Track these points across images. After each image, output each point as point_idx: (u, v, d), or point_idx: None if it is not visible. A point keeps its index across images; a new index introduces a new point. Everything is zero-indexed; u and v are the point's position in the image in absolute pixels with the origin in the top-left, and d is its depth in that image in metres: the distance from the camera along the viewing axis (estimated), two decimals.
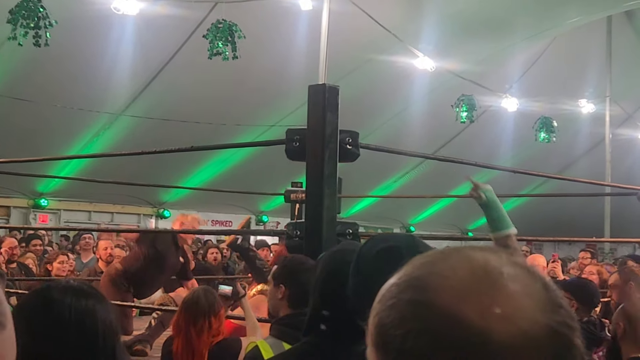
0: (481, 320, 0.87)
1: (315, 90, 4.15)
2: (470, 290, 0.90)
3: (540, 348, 0.87)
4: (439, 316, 0.89)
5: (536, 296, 0.91)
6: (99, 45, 13.15)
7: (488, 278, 0.91)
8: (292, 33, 13.59)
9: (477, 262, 0.94)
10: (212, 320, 4.47)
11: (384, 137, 14.47)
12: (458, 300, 0.89)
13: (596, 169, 16.36)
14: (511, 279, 0.91)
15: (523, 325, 0.87)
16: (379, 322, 0.95)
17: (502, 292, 0.90)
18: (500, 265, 0.93)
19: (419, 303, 0.91)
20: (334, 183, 4.06)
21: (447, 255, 0.97)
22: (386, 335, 0.93)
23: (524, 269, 0.94)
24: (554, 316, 0.90)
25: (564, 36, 17.03)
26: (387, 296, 0.96)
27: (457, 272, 0.93)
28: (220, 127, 15.09)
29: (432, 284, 0.92)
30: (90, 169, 14.98)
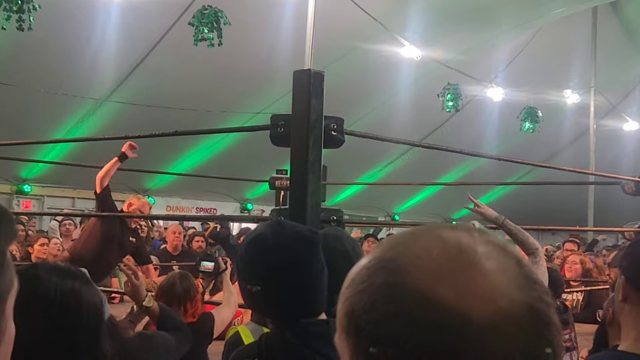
0: (459, 301, 0.85)
1: (300, 76, 4.13)
2: (446, 270, 0.88)
3: (520, 326, 0.86)
4: (414, 298, 0.86)
5: (511, 273, 0.89)
6: (83, 30, 13.07)
7: (462, 257, 0.89)
8: (278, 20, 13.54)
9: (450, 241, 0.91)
10: (187, 305, 4.52)
11: (370, 125, 14.44)
12: (433, 281, 0.87)
13: (580, 159, 16.43)
14: (485, 257, 0.89)
15: (502, 303, 0.85)
16: (350, 307, 0.93)
17: (477, 271, 0.88)
18: (474, 243, 0.91)
19: (392, 286, 0.89)
20: (318, 169, 4.04)
21: (417, 236, 0.95)
22: (358, 321, 0.90)
23: (497, 246, 0.92)
24: (530, 292, 0.88)
25: (550, 26, 17.07)
26: (357, 280, 0.94)
27: (430, 252, 0.90)
28: (206, 113, 15.06)
29: (405, 266, 0.90)
30: (75, 155, 14.91)
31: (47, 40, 12.63)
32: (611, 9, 17.84)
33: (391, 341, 0.86)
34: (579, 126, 20.01)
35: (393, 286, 0.89)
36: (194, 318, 4.57)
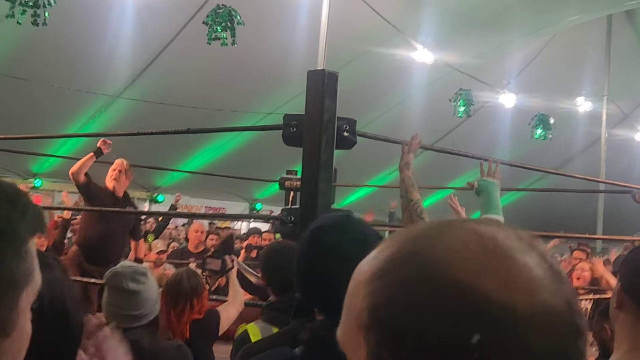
0: (502, 294, 0.83)
1: (314, 76, 4.13)
2: (486, 263, 0.85)
3: (562, 319, 0.85)
4: (456, 291, 0.83)
5: (546, 269, 0.88)
6: (97, 27, 13.08)
7: (499, 251, 0.87)
8: (292, 21, 13.54)
9: (486, 235, 0.89)
10: (194, 302, 4.54)
11: (381, 128, 14.36)
12: (475, 274, 0.84)
13: (592, 168, 16.36)
14: (520, 251, 0.88)
15: (544, 297, 0.84)
16: (372, 301, 0.88)
17: (516, 265, 0.86)
18: (507, 238, 0.89)
19: (429, 278, 0.85)
20: (329, 169, 4.04)
21: (447, 228, 0.91)
22: (385, 316, 0.86)
23: (529, 242, 0.91)
24: (564, 286, 0.88)
25: (564, 34, 17.02)
26: (378, 274, 0.90)
27: (467, 245, 0.88)
28: (217, 112, 15.05)
29: (441, 258, 0.87)
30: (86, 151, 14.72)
31: (61, 36, 12.64)
32: (626, 17, 17.79)
33: (431, 336, 0.83)
34: (591, 134, 19.93)
35: (430, 278, 0.85)
36: (200, 315, 4.58)
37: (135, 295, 3.50)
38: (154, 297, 3.61)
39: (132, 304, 3.49)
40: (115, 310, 3.49)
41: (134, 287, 3.50)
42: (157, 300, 3.65)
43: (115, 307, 3.50)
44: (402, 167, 4.10)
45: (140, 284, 3.53)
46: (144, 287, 3.54)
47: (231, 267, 5.45)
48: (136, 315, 3.49)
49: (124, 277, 3.50)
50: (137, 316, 3.49)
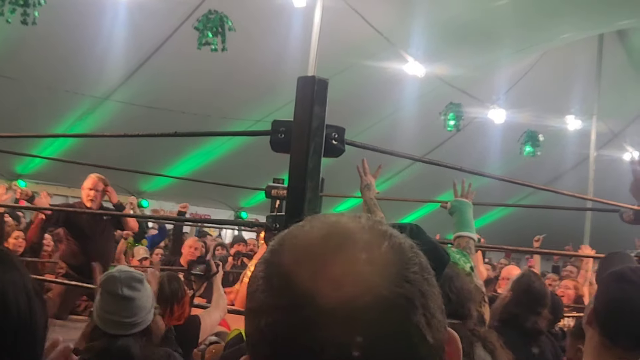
0: (310, 282, 0.86)
1: (304, 82, 4.10)
2: (311, 252, 0.89)
3: (367, 318, 0.84)
4: (276, 276, 0.89)
5: (381, 266, 0.88)
6: (87, 28, 13.02)
7: (333, 241, 0.89)
8: (284, 30, 13.51)
9: (333, 226, 0.92)
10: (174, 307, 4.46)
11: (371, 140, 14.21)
12: (296, 261, 0.89)
13: (580, 186, 16.39)
14: (359, 246, 0.89)
15: (351, 291, 0.85)
16: (250, 277, 0.97)
17: (341, 256, 0.88)
18: (356, 230, 0.91)
19: (267, 261, 0.93)
20: (317, 177, 4.00)
21: (313, 218, 0.97)
22: (248, 291, 0.94)
23: (385, 237, 0.92)
24: (394, 288, 0.86)
25: (555, 51, 17.06)
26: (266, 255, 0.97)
27: (308, 233, 0.92)
28: (206, 118, 14.99)
29: (284, 245, 0.93)
30: (72, 153, 14.84)
31: (50, 36, 12.58)
32: (617, 37, 17.83)
33: (256, 315, 0.90)
34: (580, 152, 19.97)
35: (267, 262, 0.93)
36: (179, 321, 4.50)
37: (129, 302, 3.40)
38: (148, 306, 3.51)
39: (125, 311, 3.39)
40: (106, 316, 3.39)
41: (128, 294, 3.40)
42: (150, 309, 3.54)
43: (107, 313, 3.40)
44: (363, 190, 4.23)
45: (135, 290, 3.43)
46: (138, 295, 3.44)
47: (216, 271, 5.46)
48: (128, 322, 3.39)
49: (120, 282, 3.40)
50: (129, 324, 3.39)
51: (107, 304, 3.41)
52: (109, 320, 3.38)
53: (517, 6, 13.67)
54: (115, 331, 3.36)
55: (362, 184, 4.15)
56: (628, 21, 15.53)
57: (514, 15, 13.99)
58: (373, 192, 4.13)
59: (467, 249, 3.74)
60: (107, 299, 3.42)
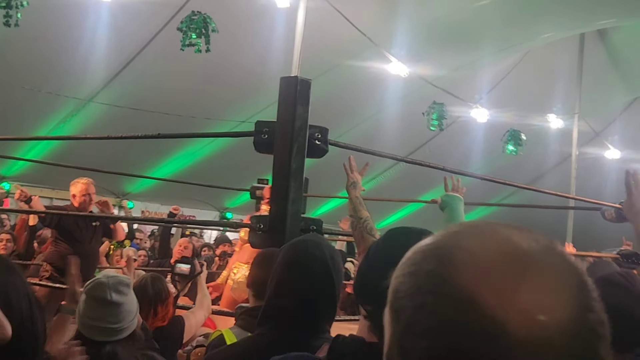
0: (498, 309, 0.81)
1: (287, 82, 4.14)
2: (495, 273, 0.84)
3: (557, 350, 0.81)
4: (455, 295, 0.83)
5: (567, 293, 0.84)
6: (71, 30, 12.97)
7: (518, 263, 0.84)
8: (267, 30, 13.50)
9: (512, 244, 0.87)
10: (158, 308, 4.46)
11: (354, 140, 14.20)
12: (479, 282, 0.83)
13: (563, 185, 16.44)
14: (543, 268, 0.85)
15: (544, 322, 0.81)
16: (395, 287, 0.91)
17: (528, 282, 0.83)
18: (538, 251, 0.86)
19: (437, 276, 0.86)
20: (300, 177, 4.03)
21: (480, 229, 0.91)
22: (400, 303, 0.89)
23: (563, 259, 0.88)
24: (580, 319, 0.84)
25: (536, 51, 17.12)
26: (408, 262, 0.92)
27: (485, 249, 0.86)
28: (189, 119, 14.97)
29: (455, 258, 0.86)
30: (55, 155, 14.78)
31: (33, 37, 12.52)
32: (598, 36, 17.91)
33: (424, 334, 0.84)
34: (562, 151, 20.05)
35: (438, 277, 0.86)
36: (164, 322, 4.50)
37: (117, 308, 3.36)
38: (134, 311, 3.48)
39: (113, 317, 3.35)
40: (92, 323, 3.34)
41: (116, 299, 3.36)
42: (136, 314, 3.52)
43: (92, 320, 3.35)
44: (349, 188, 4.17)
45: (122, 295, 3.40)
46: (126, 299, 3.42)
47: (200, 271, 5.45)
48: (115, 328, 3.35)
49: (108, 287, 3.36)
50: (116, 329, 3.36)
51: (92, 310, 3.37)
52: (95, 327, 3.34)
53: (498, 6, 13.72)
54: (101, 338, 3.32)
55: (348, 182, 4.16)
56: (609, 20, 15.61)
57: (496, 15, 14.03)
58: (359, 190, 4.13)
59: None
60: (94, 305, 3.37)
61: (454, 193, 4.33)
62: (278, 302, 2.70)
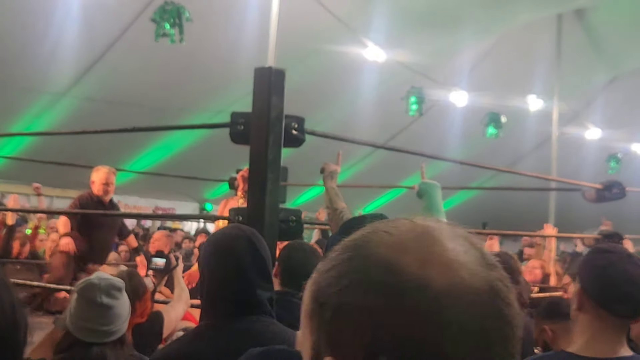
0: (420, 269, 0.88)
1: (260, 73, 4.12)
2: (410, 244, 0.92)
3: (479, 298, 0.88)
4: (376, 267, 0.90)
5: (473, 255, 0.93)
6: (42, 24, 12.82)
7: (428, 235, 0.93)
8: (242, 19, 13.40)
9: (419, 224, 0.96)
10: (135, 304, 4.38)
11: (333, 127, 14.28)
12: (398, 252, 0.91)
13: (543, 166, 16.45)
14: (450, 239, 0.94)
15: (463, 274, 0.89)
16: (315, 287, 0.96)
17: (440, 246, 0.92)
18: (441, 228, 0.96)
19: (356, 257, 0.93)
20: (277, 168, 3.99)
21: (391, 220, 0.99)
22: (323, 297, 0.93)
23: (462, 234, 0.97)
24: (491, 272, 0.92)
25: (514, 32, 17.13)
26: (324, 264, 0.97)
27: (398, 229, 0.95)
28: (166, 111, 14.87)
29: (374, 240, 0.94)
30: (30, 150, 14.67)
31: (3, 32, 12.40)
32: (576, 16, 17.93)
33: (355, 309, 0.89)
34: (542, 133, 20.09)
35: (359, 257, 0.93)
36: (142, 318, 4.42)
37: (107, 311, 3.29)
38: (125, 314, 3.41)
39: (103, 319, 3.28)
40: (81, 324, 3.27)
41: (107, 302, 3.29)
42: (127, 318, 3.45)
43: (82, 320, 3.27)
44: (326, 178, 4.23)
45: (114, 299, 3.33)
46: (117, 303, 3.34)
47: (176, 265, 5.46)
48: (105, 331, 3.28)
49: (99, 290, 3.29)
50: (106, 332, 3.29)
51: (82, 311, 3.30)
52: (84, 327, 3.27)
53: None
54: (90, 339, 3.26)
55: (325, 172, 4.13)
56: (585, 0, 15.64)
57: None
58: (335, 181, 4.12)
59: None
60: (84, 306, 3.30)
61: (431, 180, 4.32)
62: (217, 289, 2.79)
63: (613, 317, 2.44)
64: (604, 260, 2.50)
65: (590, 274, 2.51)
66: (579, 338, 2.51)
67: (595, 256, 2.59)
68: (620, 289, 2.43)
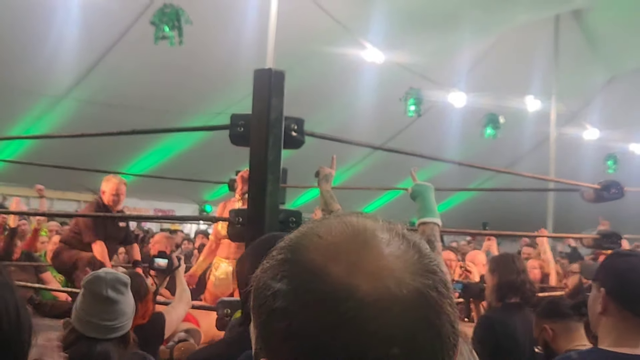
0: (347, 277, 0.87)
1: (260, 75, 4.10)
2: (340, 249, 0.90)
3: (406, 308, 0.87)
4: (305, 273, 0.89)
5: (408, 260, 0.91)
6: (42, 26, 12.85)
7: (359, 238, 0.92)
8: (241, 21, 13.44)
9: (352, 225, 0.94)
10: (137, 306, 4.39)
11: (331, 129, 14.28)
12: (326, 258, 0.90)
13: (541, 166, 16.50)
14: (384, 242, 0.92)
15: (389, 283, 0.87)
16: (255, 285, 0.96)
17: (371, 252, 0.90)
18: (375, 229, 0.94)
19: (289, 261, 0.92)
20: (277, 169, 4.00)
21: (326, 220, 0.98)
22: (260, 297, 0.93)
23: (400, 235, 0.95)
24: (423, 280, 0.90)
25: (512, 33, 17.15)
26: (265, 262, 0.97)
27: (330, 232, 0.93)
28: (165, 113, 14.89)
29: (304, 244, 0.93)
30: (31, 153, 14.68)
31: (4, 35, 12.43)
32: (573, 17, 17.96)
33: (284, 315, 0.89)
34: (540, 133, 20.11)
35: (289, 261, 0.92)
36: (144, 319, 4.43)
37: (112, 305, 3.28)
38: (129, 312, 3.39)
39: (108, 314, 3.27)
40: (86, 318, 3.25)
41: (112, 296, 3.28)
42: (131, 316, 3.43)
43: (87, 314, 3.26)
44: (321, 181, 4.24)
45: (119, 293, 3.32)
46: (122, 298, 3.33)
47: (178, 265, 5.45)
48: (109, 326, 3.26)
49: (105, 283, 3.29)
50: (110, 327, 3.27)
51: (88, 305, 3.29)
52: (88, 322, 3.26)
53: None
54: (93, 334, 3.24)
55: (320, 175, 4.16)
56: (582, 1, 15.66)
57: None
58: (330, 184, 4.15)
59: (432, 235, 3.75)
60: (90, 299, 3.29)
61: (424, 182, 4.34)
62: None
63: (637, 318, 2.50)
64: (626, 264, 2.57)
65: (613, 277, 2.56)
66: (609, 333, 2.54)
67: (617, 260, 2.65)
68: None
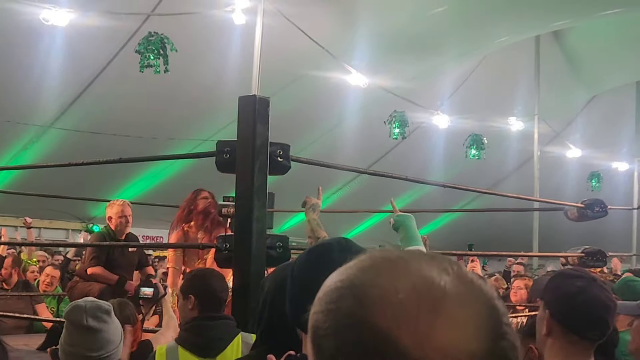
0: (415, 348, 0.83)
1: (245, 102, 4.13)
2: (410, 311, 0.86)
3: None
4: (374, 335, 0.85)
5: (479, 324, 0.87)
6: (27, 56, 12.88)
7: (431, 298, 0.87)
8: (226, 47, 13.51)
9: (423, 278, 0.89)
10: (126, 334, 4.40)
11: (317, 153, 14.42)
12: (395, 321, 0.85)
13: (525, 186, 16.61)
14: (455, 302, 0.87)
15: (459, 357, 0.84)
16: (315, 323, 0.93)
17: (442, 318, 0.86)
18: (448, 283, 0.89)
19: (354, 315, 0.88)
20: (263, 195, 4.03)
21: (392, 264, 0.93)
22: (321, 340, 0.90)
23: (475, 288, 0.91)
24: (493, 348, 0.86)
25: (494, 55, 17.28)
26: (326, 299, 0.93)
27: (399, 286, 0.88)
28: (152, 140, 14.91)
29: (371, 297, 0.88)
30: (18, 182, 14.65)
31: None
32: (553, 38, 18.15)
33: None
34: (524, 153, 20.24)
35: (356, 317, 0.88)
36: (132, 347, 4.44)
37: (95, 334, 3.19)
38: (116, 340, 3.31)
39: (91, 344, 3.18)
40: (71, 350, 3.19)
41: (94, 325, 3.18)
42: (119, 344, 3.34)
43: (71, 346, 3.19)
44: (308, 210, 4.22)
45: (102, 322, 3.22)
46: (105, 327, 3.24)
47: (164, 293, 5.46)
48: (94, 357, 3.18)
49: (85, 312, 3.19)
50: (95, 358, 3.19)
51: (70, 336, 3.22)
52: (74, 354, 3.20)
53: (453, 13, 13.85)
54: None
55: (307, 205, 4.19)
56: (563, 22, 15.81)
57: (451, 22, 14.17)
58: (317, 213, 4.19)
59: None
60: (71, 330, 3.22)
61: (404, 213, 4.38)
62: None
63: (584, 341, 2.47)
64: (573, 287, 2.52)
65: (560, 301, 2.52)
66: None
67: (564, 282, 2.59)
68: (592, 315, 2.47)
